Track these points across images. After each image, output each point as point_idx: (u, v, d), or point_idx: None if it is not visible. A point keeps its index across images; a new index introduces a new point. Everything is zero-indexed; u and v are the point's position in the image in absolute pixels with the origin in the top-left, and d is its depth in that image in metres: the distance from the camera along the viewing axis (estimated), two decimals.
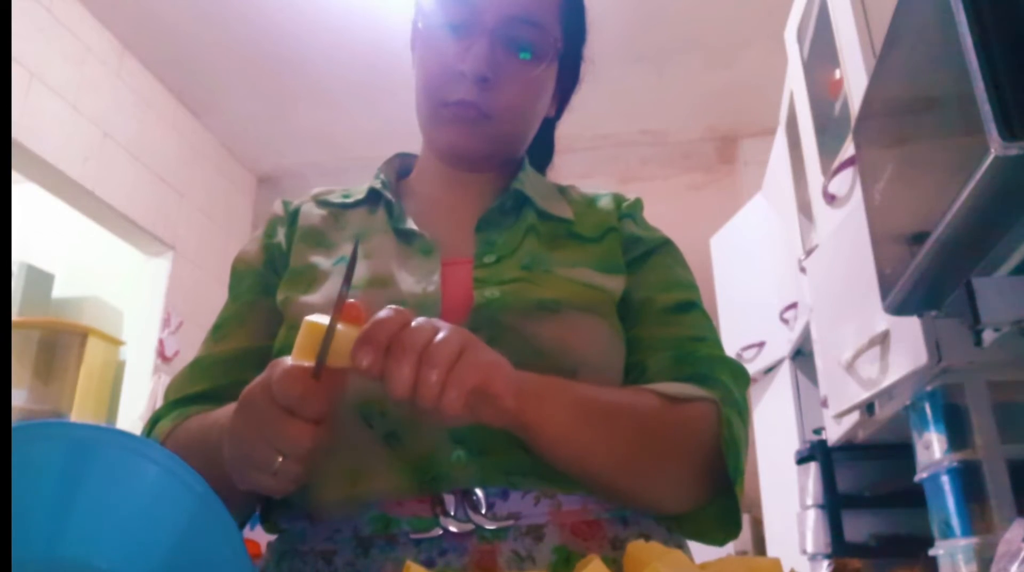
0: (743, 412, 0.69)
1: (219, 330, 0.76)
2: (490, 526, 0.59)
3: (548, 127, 0.88)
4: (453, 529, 0.59)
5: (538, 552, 0.59)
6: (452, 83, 0.72)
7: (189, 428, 0.67)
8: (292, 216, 0.80)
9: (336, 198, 0.81)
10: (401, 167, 0.86)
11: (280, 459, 0.50)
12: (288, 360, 0.51)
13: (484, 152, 0.76)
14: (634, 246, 0.77)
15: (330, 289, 0.69)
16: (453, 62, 0.72)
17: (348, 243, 0.75)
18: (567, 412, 0.58)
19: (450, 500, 0.60)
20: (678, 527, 0.68)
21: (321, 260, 0.73)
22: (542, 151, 0.89)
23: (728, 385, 0.69)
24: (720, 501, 0.67)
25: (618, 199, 0.82)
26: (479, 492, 0.60)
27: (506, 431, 0.60)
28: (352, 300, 0.52)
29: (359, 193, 0.81)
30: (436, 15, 0.75)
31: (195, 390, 0.72)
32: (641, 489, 0.63)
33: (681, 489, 0.65)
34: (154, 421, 0.71)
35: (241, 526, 0.69)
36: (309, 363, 0.50)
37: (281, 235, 0.78)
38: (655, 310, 0.73)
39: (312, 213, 0.79)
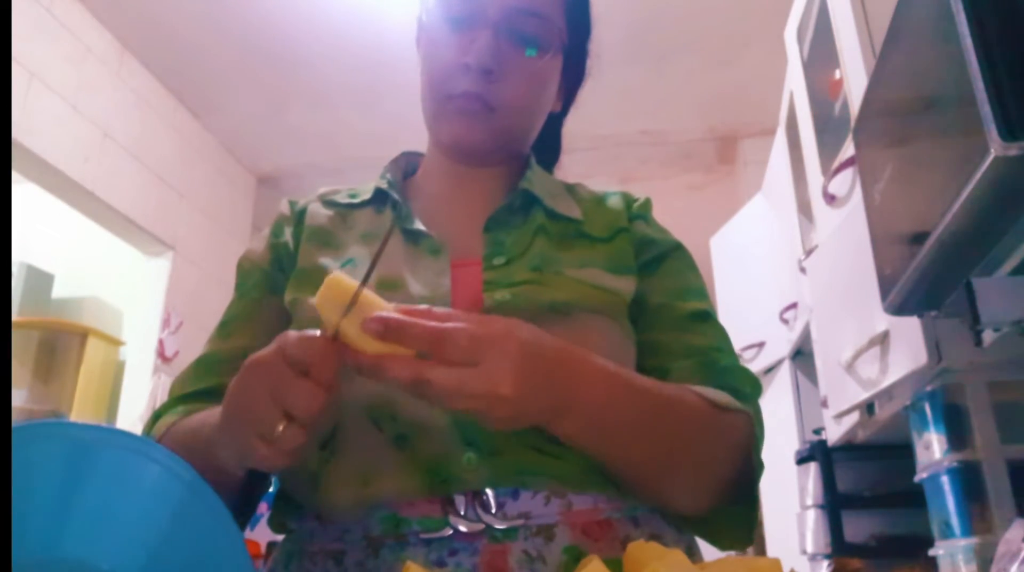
0: (763, 429, 0.70)
1: (225, 327, 0.76)
2: (500, 526, 0.59)
3: (555, 123, 0.87)
4: (463, 529, 0.59)
5: (549, 552, 0.58)
6: (456, 76, 0.72)
7: (185, 424, 0.66)
8: (299, 216, 0.79)
9: (343, 198, 0.81)
10: (407, 166, 0.85)
11: (282, 426, 0.49)
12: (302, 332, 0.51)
13: (489, 145, 0.75)
14: (647, 248, 0.77)
15: None
16: (457, 55, 0.72)
17: (356, 244, 0.74)
18: (609, 394, 0.58)
19: (460, 501, 0.60)
20: (689, 526, 0.69)
21: (329, 261, 0.73)
22: (549, 148, 0.89)
23: (755, 400, 0.70)
24: (739, 512, 0.67)
25: (628, 199, 0.81)
26: (489, 492, 0.60)
27: (517, 433, 0.60)
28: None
29: (365, 193, 0.80)
30: (440, 10, 0.75)
31: (199, 387, 0.72)
32: (667, 485, 0.63)
33: (703, 493, 0.65)
34: (156, 417, 0.71)
35: (241, 527, 0.69)
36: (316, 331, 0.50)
37: (288, 235, 0.78)
38: (674, 317, 0.73)
39: (319, 213, 0.79)
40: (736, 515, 0.67)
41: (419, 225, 0.73)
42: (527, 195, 0.76)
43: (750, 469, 0.67)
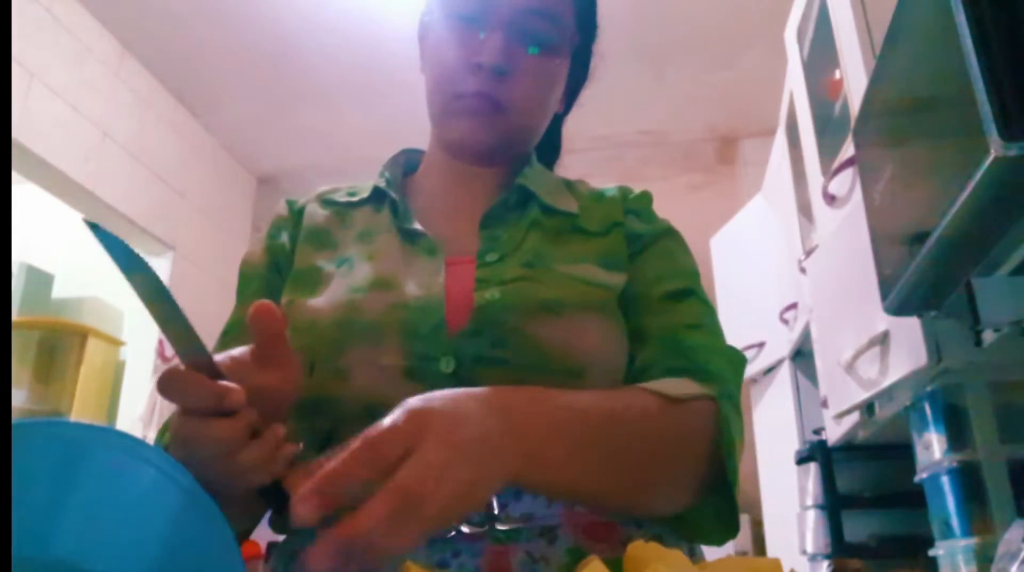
0: (739, 405, 0.67)
1: (225, 336, 0.75)
2: (503, 527, 0.58)
3: (556, 123, 0.87)
4: (466, 530, 0.58)
5: (551, 553, 0.58)
6: (467, 75, 0.72)
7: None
8: (297, 216, 0.79)
9: (341, 197, 0.80)
10: (407, 163, 0.85)
11: (242, 454, 0.48)
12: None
13: (495, 145, 0.75)
14: (635, 242, 0.76)
15: (334, 292, 0.68)
16: (467, 54, 0.72)
17: (353, 243, 0.74)
18: (558, 444, 0.53)
19: None
20: (676, 529, 0.67)
21: (325, 262, 0.73)
22: (549, 147, 0.89)
23: (725, 377, 0.67)
24: (717, 501, 0.65)
25: (624, 192, 0.81)
26: None
27: None
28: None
29: (364, 191, 0.80)
30: (450, 6, 0.75)
31: None
32: (637, 498, 0.61)
33: (676, 492, 0.63)
34: (164, 429, 0.70)
35: (246, 536, 0.68)
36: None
37: (285, 236, 0.77)
38: (649, 301, 0.72)
39: (316, 213, 0.79)
40: (714, 506, 0.65)
41: (416, 225, 0.73)
42: (523, 191, 0.76)
43: (720, 454, 0.64)
